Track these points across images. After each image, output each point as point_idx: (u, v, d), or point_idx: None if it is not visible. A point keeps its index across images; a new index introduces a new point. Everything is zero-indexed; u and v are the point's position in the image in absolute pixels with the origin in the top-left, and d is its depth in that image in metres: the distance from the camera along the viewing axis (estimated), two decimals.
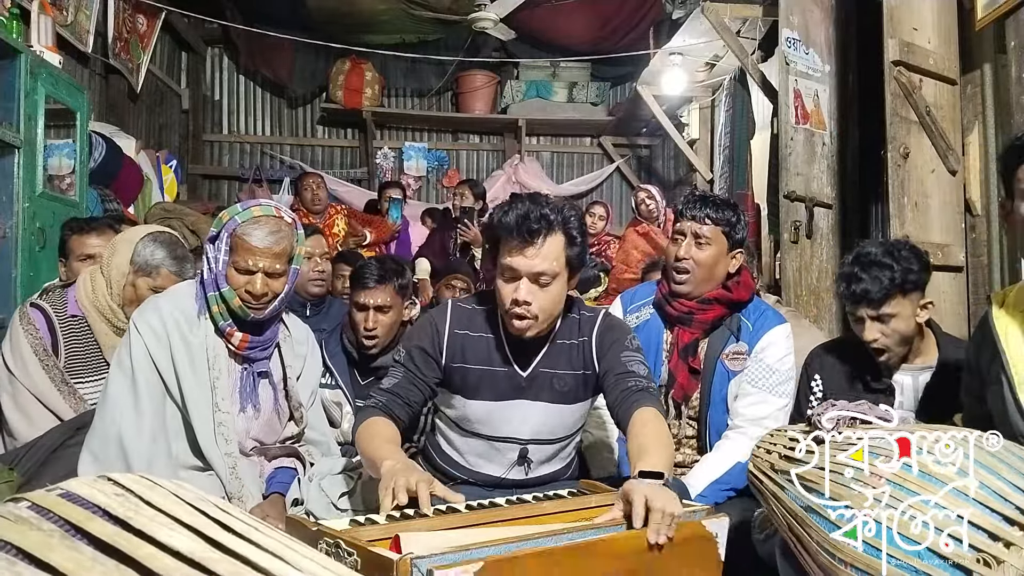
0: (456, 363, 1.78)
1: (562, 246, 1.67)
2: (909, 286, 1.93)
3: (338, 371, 2.54)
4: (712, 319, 2.03)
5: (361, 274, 2.49)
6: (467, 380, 1.78)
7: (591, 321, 1.82)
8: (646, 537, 1.23)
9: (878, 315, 1.94)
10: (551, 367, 1.79)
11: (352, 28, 6.36)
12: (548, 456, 1.85)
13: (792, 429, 1.29)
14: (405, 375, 1.76)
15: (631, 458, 1.53)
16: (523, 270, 1.65)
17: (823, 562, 1.14)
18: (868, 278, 1.92)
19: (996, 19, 2.66)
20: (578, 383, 1.80)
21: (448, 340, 1.78)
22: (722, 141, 5.88)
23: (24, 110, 3.17)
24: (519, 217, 1.64)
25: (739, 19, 4.62)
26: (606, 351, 1.78)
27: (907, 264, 1.93)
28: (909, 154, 2.96)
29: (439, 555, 1.06)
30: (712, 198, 2.09)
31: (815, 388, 2.11)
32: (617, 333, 1.81)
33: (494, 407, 1.79)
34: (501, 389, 1.78)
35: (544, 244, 1.64)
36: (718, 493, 1.90)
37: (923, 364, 2.04)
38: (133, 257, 2.20)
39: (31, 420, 2.09)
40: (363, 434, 1.67)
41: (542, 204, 1.67)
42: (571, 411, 1.83)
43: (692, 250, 2.02)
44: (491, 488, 1.81)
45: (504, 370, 1.78)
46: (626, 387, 1.69)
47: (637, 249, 4.61)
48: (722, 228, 2.02)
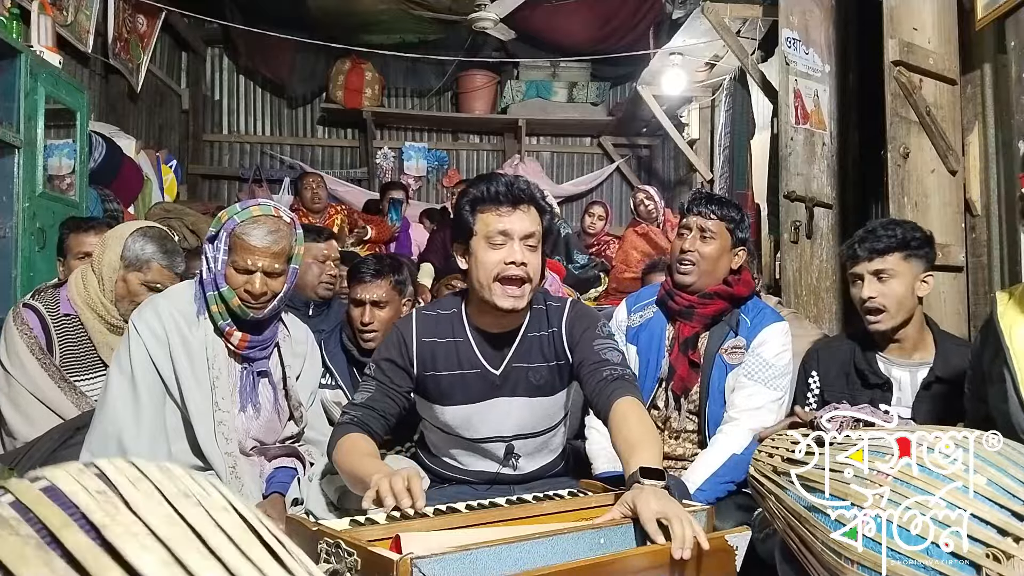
0: (428, 372, 1.77)
1: (537, 215, 1.72)
2: (911, 250, 1.98)
3: (338, 371, 2.53)
4: (712, 313, 2.09)
5: (357, 269, 2.48)
6: (440, 387, 1.77)
7: (558, 311, 1.81)
8: (663, 552, 1.21)
9: (877, 270, 1.98)
10: (524, 361, 1.78)
11: (352, 28, 6.36)
12: (535, 449, 1.86)
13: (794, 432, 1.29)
14: (378, 387, 1.75)
15: (621, 454, 1.53)
16: (516, 230, 1.67)
17: (828, 561, 1.14)
18: (872, 237, 2.01)
19: (996, 19, 2.66)
20: (553, 374, 1.80)
21: (417, 349, 1.77)
22: (722, 141, 5.88)
23: (24, 110, 3.17)
24: (506, 184, 1.70)
25: (739, 19, 4.62)
26: (577, 340, 1.77)
27: (912, 231, 2.01)
28: (909, 154, 2.96)
29: (441, 555, 1.06)
30: (717, 197, 2.18)
31: (812, 385, 2.12)
32: (587, 321, 1.80)
33: (471, 410, 1.78)
34: (476, 391, 1.77)
35: (529, 208, 1.71)
36: (717, 487, 1.93)
37: (920, 360, 2.05)
38: (123, 252, 2.20)
39: (30, 420, 2.09)
40: (341, 450, 1.65)
41: (514, 178, 1.75)
42: (550, 402, 1.83)
43: (697, 243, 2.09)
44: (486, 486, 1.81)
45: (476, 371, 1.77)
46: (602, 377, 1.68)
47: (636, 249, 4.62)
48: (727, 224, 2.09)
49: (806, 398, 2.13)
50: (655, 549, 1.23)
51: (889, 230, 2.01)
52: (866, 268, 2.00)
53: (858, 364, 2.07)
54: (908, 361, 2.05)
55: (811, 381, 2.12)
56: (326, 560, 1.13)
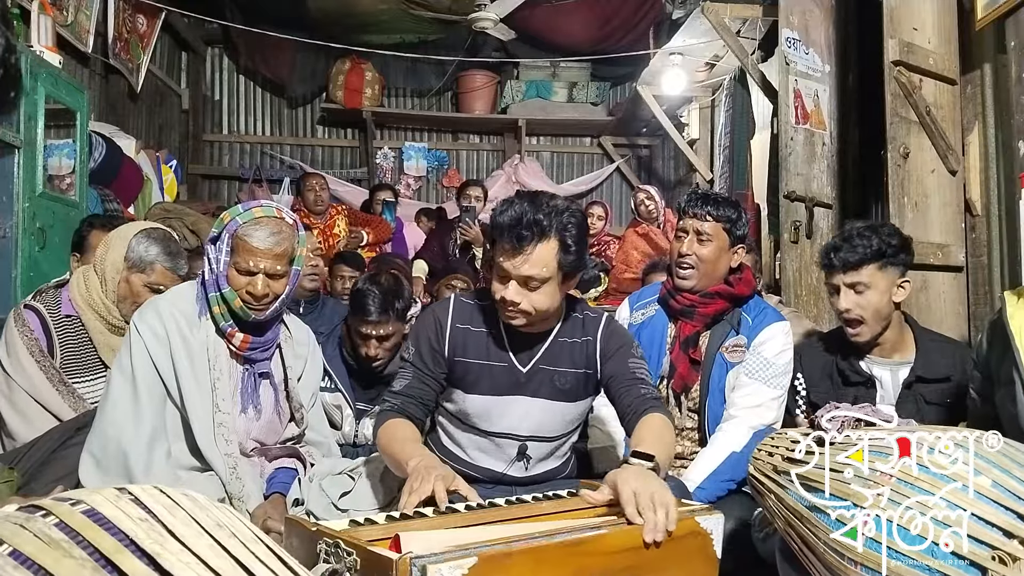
0: (457, 357, 1.79)
1: (554, 252, 1.64)
2: (886, 259, 1.97)
3: (337, 375, 2.54)
4: (713, 312, 2.09)
5: (363, 305, 2.44)
6: (467, 374, 1.79)
7: (595, 322, 1.83)
8: (639, 533, 1.24)
9: (852, 283, 1.98)
10: (552, 364, 1.79)
11: (352, 28, 6.36)
12: (546, 453, 1.86)
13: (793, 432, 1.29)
14: (415, 374, 1.77)
15: (629, 447, 1.56)
16: (511, 273, 1.65)
17: (830, 561, 1.13)
18: (847, 247, 2.00)
19: (996, 19, 2.66)
20: (579, 381, 1.81)
21: (450, 333, 1.79)
22: (722, 141, 5.88)
23: (24, 110, 3.17)
24: (512, 220, 1.62)
25: (739, 19, 4.62)
26: (611, 355, 1.78)
27: (887, 239, 1.99)
28: (909, 154, 2.96)
29: (440, 555, 1.06)
30: (713, 196, 2.15)
31: (799, 387, 2.13)
32: (623, 339, 1.83)
33: (492, 402, 1.79)
34: (500, 384, 1.78)
35: (534, 251, 1.62)
36: (718, 485, 1.93)
37: (901, 360, 2.06)
38: (127, 253, 2.20)
39: (29, 421, 2.09)
40: (383, 437, 1.68)
41: (540, 207, 1.63)
42: (571, 409, 1.83)
43: (695, 246, 2.09)
44: (493, 484, 1.82)
45: (504, 365, 1.78)
46: (639, 395, 1.71)
47: (637, 249, 4.62)
48: (723, 224, 2.08)
49: (795, 400, 2.14)
50: (628, 530, 1.25)
51: (864, 239, 1.98)
52: (841, 280, 2.01)
53: (840, 365, 2.08)
54: (889, 360, 2.06)
55: (797, 384, 2.13)
56: (325, 560, 1.13)
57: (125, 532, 0.44)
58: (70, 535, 0.43)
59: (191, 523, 0.47)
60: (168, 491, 0.50)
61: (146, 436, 1.79)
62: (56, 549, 0.41)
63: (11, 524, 0.43)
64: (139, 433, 1.79)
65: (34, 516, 0.44)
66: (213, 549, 0.46)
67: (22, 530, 0.42)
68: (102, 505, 0.46)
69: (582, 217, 1.71)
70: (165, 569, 0.42)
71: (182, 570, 0.43)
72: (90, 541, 0.43)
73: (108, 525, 0.45)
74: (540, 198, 1.67)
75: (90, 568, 0.41)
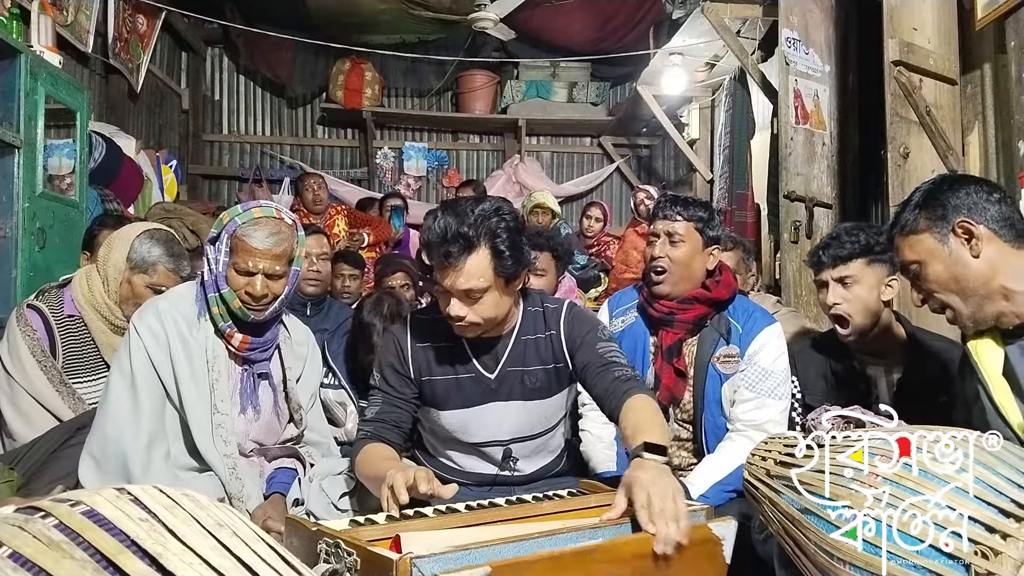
0: (424, 376, 1.77)
1: (487, 261, 1.58)
2: (874, 255, 1.98)
3: (341, 373, 2.53)
4: (693, 318, 2.03)
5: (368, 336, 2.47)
6: (436, 392, 1.77)
7: (555, 313, 1.79)
8: (650, 541, 1.22)
9: (840, 277, 1.99)
10: (519, 365, 1.76)
11: (352, 28, 6.36)
12: (533, 451, 1.85)
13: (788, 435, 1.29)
14: (384, 399, 1.76)
15: (627, 437, 1.51)
16: (449, 288, 1.61)
17: (821, 562, 1.14)
18: (836, 243, 2.02)
19: (996, 19, 2.66)
20: (550, 377, 1.78)
21: (412, 355, 1.77)
22: (722, 141, 5.88)
23: (24, 110, 3.17)
24: (438, 237, 1.56)
25: (739, 19, 4.63)
26: (578, 344, 1.74)
27: (875, 236, 2.00)
28: (909, 154, 2.96)
29: (441, 555, 1.06)
30: (683, 198, 2.10)
31: (794, 390, 2.11)
32: (587, 324, 1.78)
33: (468, 414, 1.77)
34: (471, 395, 1.76)
35: (465, 264, 1.57)
36: (720, 494, 1.89)
37: (895, 360, 2.05)
38: (130, 254, 2.20)
39: (30, 421, 2.09)
40: (361, 463, 1.67)
41: (464, 218, 1.56)
42: (547, 405, 1.81)
43: (667, 248, 2.02)
44: (487, 487, 1.81)
45: (471, 376, 1.76)
46: (614, 378, 1.66)
47: (637, 250, 4.61)
48: (694, 224, 2.02)
49: (792, 405, 2.13)
50: (639, 538, 1.24)
51: (852, 236, 2.00)
52: (830, 275, 2.01)
53: (834, 367, 2.07)
54: (881, 361, 2.06)
55: (792, 387, 2.12)
56: (326, 560, 1.13)
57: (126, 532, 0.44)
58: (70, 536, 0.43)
59: (192, 523, 0.47)
60: (168, 491, 0.50)
61: (145, 436, 1.79)
62: (56, 550, 0.41)
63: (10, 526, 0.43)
64: (138, 433, 1.79)
65: (33, 518, 0.44)
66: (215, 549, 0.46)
67: (21, 532, 0.42)
68: (102, 506, 0.46)
69: (513, 217, 1.64)
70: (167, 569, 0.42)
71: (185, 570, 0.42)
72: (91, 542, 0.43)
73: (108, 526, 0.45)
74: (463, 207, 1.60)
75: (91, 569, 0.41)
